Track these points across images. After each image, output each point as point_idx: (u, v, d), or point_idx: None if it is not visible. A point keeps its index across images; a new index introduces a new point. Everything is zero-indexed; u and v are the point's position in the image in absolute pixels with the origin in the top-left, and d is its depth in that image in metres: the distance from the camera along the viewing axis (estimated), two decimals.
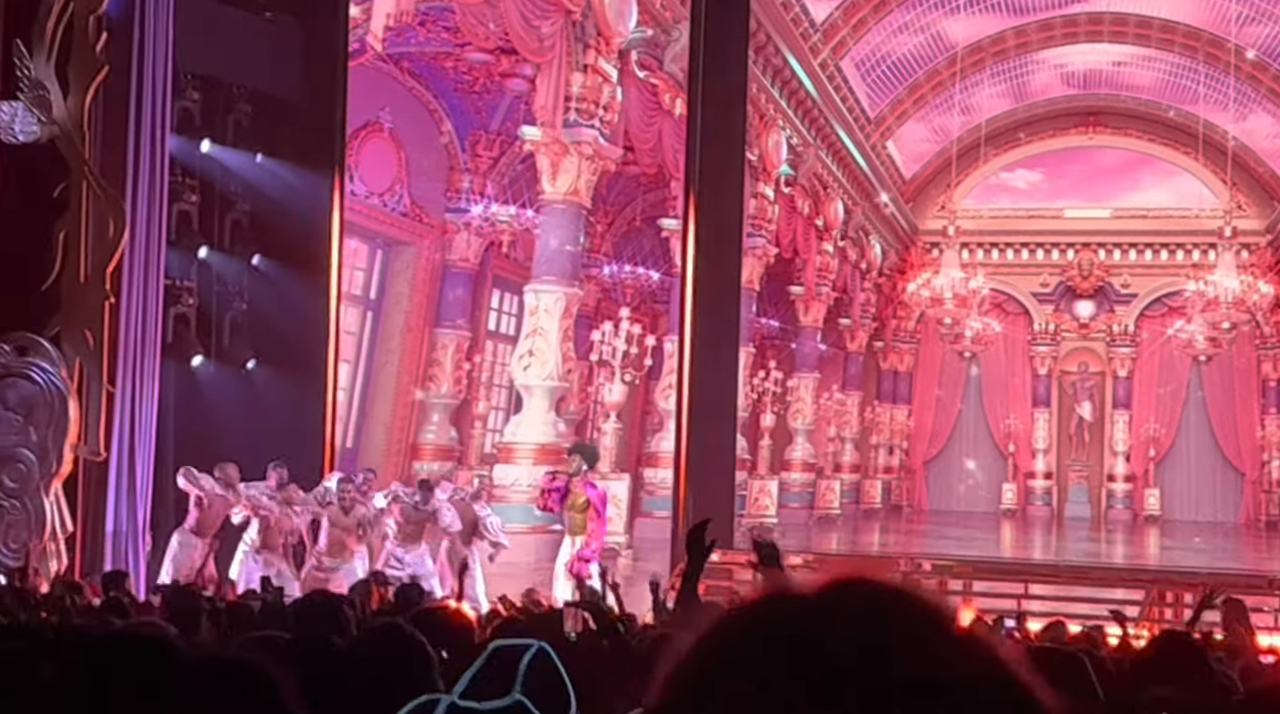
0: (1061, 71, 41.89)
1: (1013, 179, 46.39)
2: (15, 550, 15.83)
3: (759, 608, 1.23)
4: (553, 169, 25.49)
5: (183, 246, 18.45)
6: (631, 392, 31.13)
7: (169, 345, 17.78)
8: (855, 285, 43.33)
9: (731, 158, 24.12)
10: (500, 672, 3.37)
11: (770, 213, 33.51)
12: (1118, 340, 46.86)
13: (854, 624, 1.18)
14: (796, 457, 40.32)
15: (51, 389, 16.16)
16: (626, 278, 37.68)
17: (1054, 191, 46.52)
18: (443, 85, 30.64)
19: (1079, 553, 33.06)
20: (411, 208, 30.92)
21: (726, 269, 23.81)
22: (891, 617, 1.19)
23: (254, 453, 18.01)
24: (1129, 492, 46.10)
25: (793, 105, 34.79)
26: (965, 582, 20.90)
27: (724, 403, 23.78)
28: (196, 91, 18.97)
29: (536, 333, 25.60)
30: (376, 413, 30.95)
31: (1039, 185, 46.52)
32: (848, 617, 1.18)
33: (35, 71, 16.32)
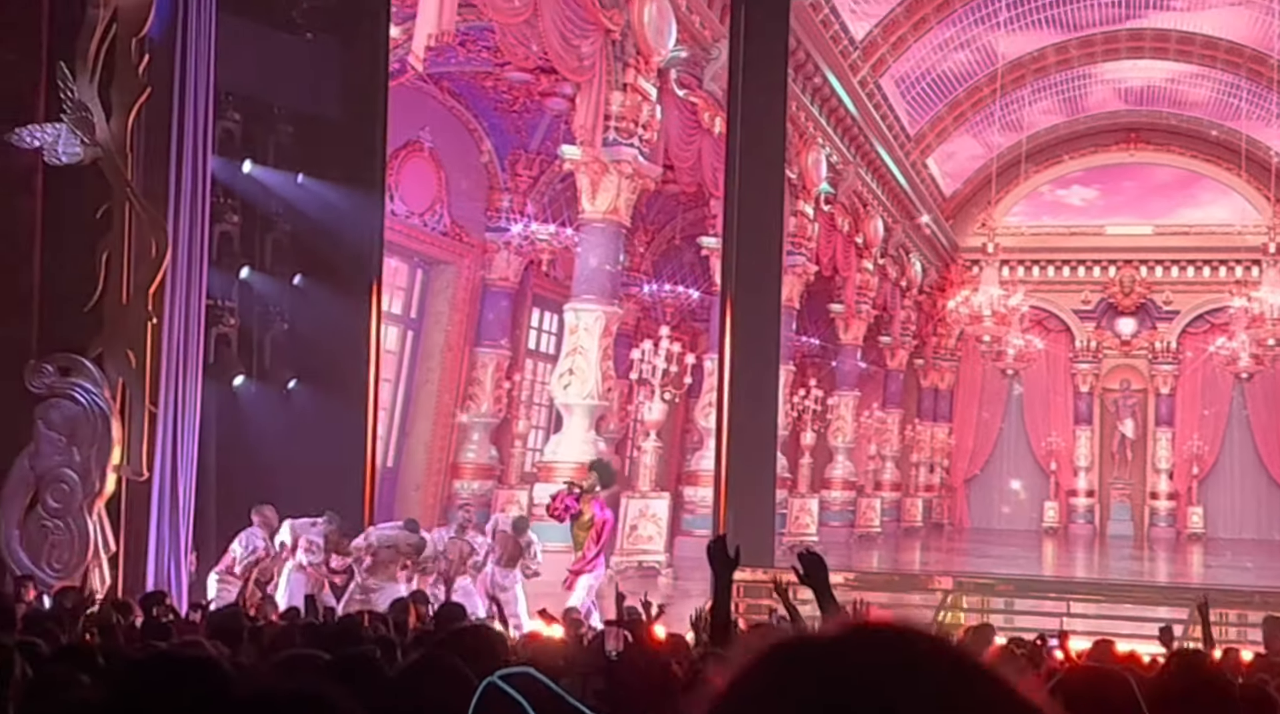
0: (1103, 88, 41.75)
1: (1053, 196, 46.23)
2: (59, 570, 15.90)
3: (771, 666, 1.23)
4: (592, 188, 25.53)
5: (224, 267, 18.53)
6: (671, 410, 31.10)
7: (211, 365, 17.84)
8: (895, 303, 43.24)
9: (771, 176, 24.12)
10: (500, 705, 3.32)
11: (810, 231, 33.49)
12: (1160, 357, 46.62)
13: (870, 680, 1.17)
14: (837, 475, 40.22)
15: (94, 409, 16.23)
16: (666, 296, 37.66)
17: (1095, 208, 46.35)
18: (483, 105, 30.71)
19: (1122, 571, 32.92)
20: (451, 227, 30.97)
21: (766, 287, 23.81)
22: (906, 673, 1.18)
23: (295, 473, 18.06)
24: (1172, 510, 45.83)
25: (832, 123, 34.77)
26: (1007, 600, 20.83)
27: (764, 421, 23.76)
28: (238, 112, 19.06)
29: (576, 351, 25.62)
30: (417, 432, 30.98)
31: (1080, 202, 46.35)
32: (863, 671, 1.18)
33: (78, 93, 16.42)
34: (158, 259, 16.50)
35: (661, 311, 37.30)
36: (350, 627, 7.98)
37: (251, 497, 17.66)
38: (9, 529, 16.12)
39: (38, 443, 16.24)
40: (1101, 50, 38.92)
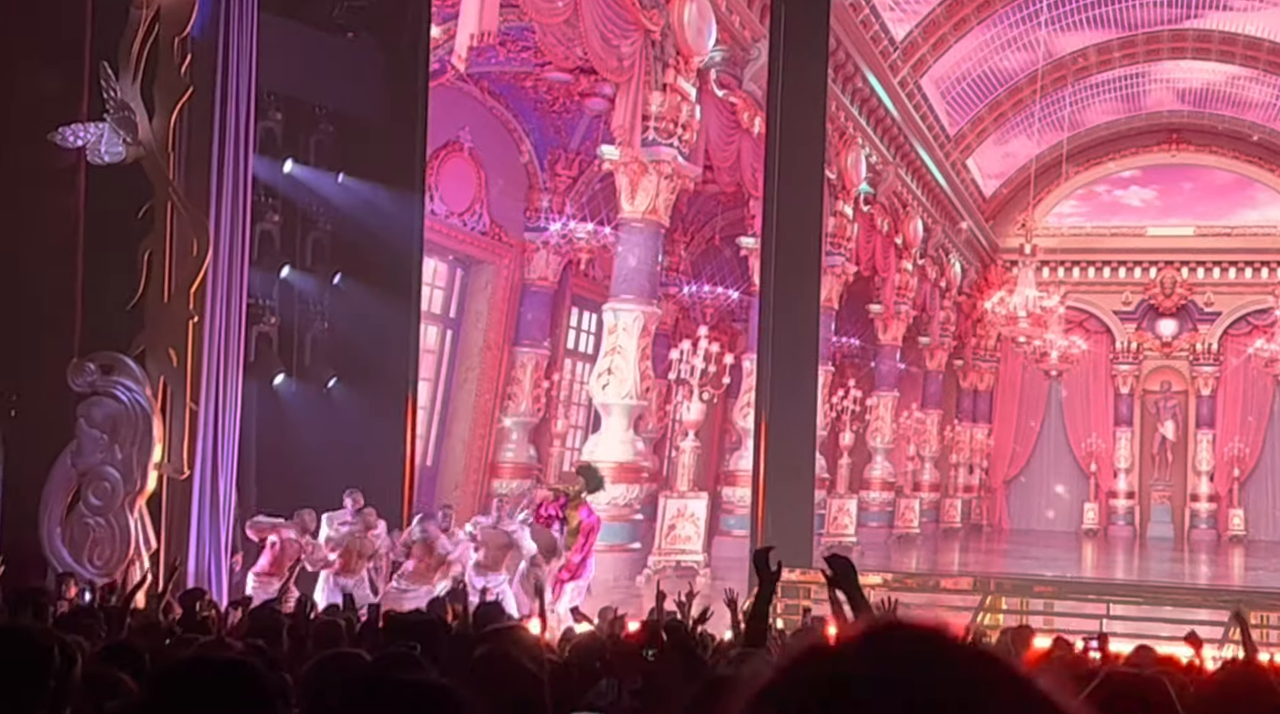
0: (1145, 89, 41.58)
1: (1110, 196, 45.97)
2: (100, 567, 16.00)
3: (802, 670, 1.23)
4: (631, 188, 25.54)
5: (265, 266, 18.61)
6: (710, 410, 31.09)
7: (251, 364, 17.92)
8: (935, 303, 43.12)
9: (810, 176, 24.11)
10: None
11: (849, 231, 33.45)
12: (1201, 359, 46.40)
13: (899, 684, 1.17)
14: (876, 475, 40.14)
15: (136, 407, 16.32)
16: (705, 296, 37.67)
17: (1137, 209, 46.16)
18: (522, 105, 30.76)
19: (1162, 573, 32.77)
20: (491, 227, 31.04)
21: (805, 287, 23.79)
22: (936, 675, 1.18)
23: (335, 471, 18.13)
24: (1213, 512, 45.60)
25: (872, 123, 34.72)
26: (1046, 602, 20.77)
27: (802, 421, 23.74)
28: (279, 112, 19.15)
29: (615, 351, 25.63)
30: (456, 431, 31.06)
31: (1139, 202, 46.17)
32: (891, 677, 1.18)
33: (121, 93, 16.51)
34: (199, 258, 16.58)
35: (700, 311, 37.31)
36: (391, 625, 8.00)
37: (291, 495, 17.75)
38: (51, 526, 16.21)
39: (80, 441, 16.34)
40: (1143, 51, 38.77)
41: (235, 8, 17.10)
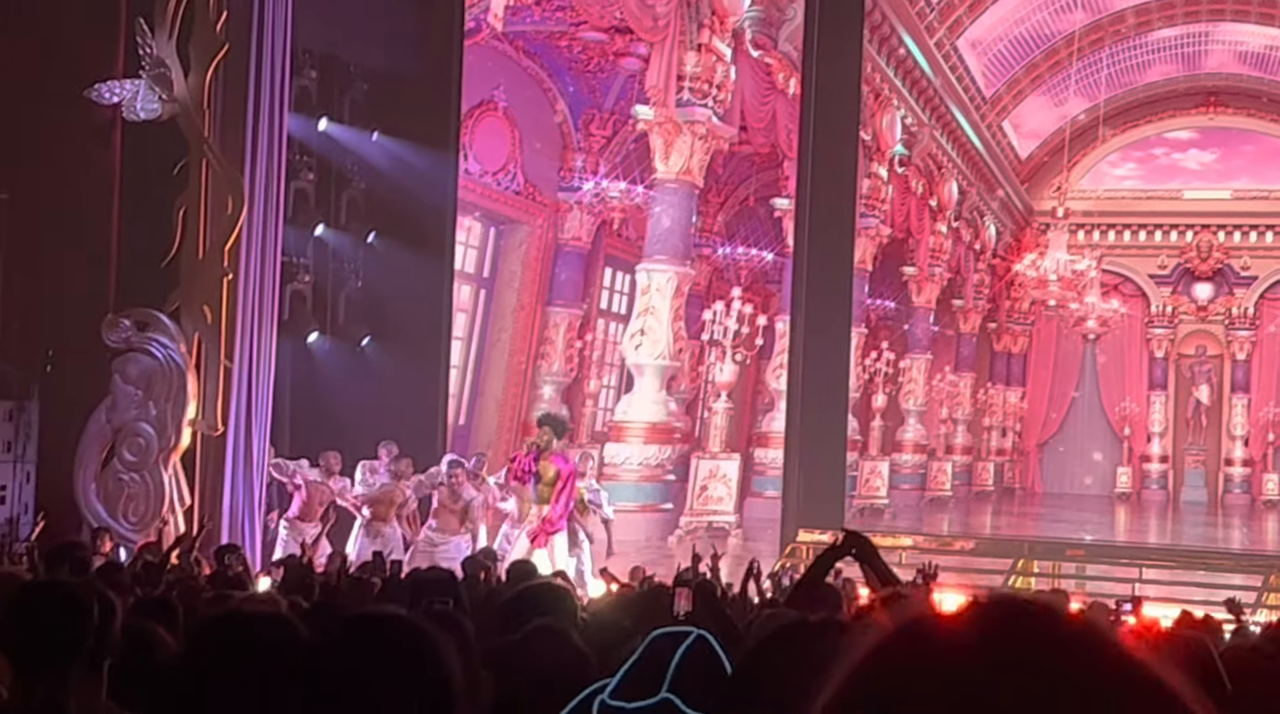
0: (1182, 51, 41.25)
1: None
2: (135, 523, 16.09)
3: (903, 645, 1.17)
4: (666, 148, 25.49)
5: (299, 224, 18.64)
6: (742, 371, 31.06)
7: (285, 322, 17.97)
8: (969, 266, 42.95)
9: (845, 137, 24.03)
10: (652, 667, 3.28)
11: (884, 193, 33.32)
12: (1237, 323, 46.13)
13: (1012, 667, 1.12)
14: (908, 438, 40.06)
15: (170, 364, 16.39)
16: (739, 257, 37.59)
17: (1173, 172, 45.87)
18: (557, 64, 30.69)
19: (1195, 538, 32.67)
20: (525, 186, 31.00)
21: (839, 249, 23.74)
22: (1053, 658, 1.12)
23: (368, 429, 18.20)
24: (1247, 476, 45.39)
25: (907, 85, 34.54)
26: (1079, 566, 20.75)
27: (835, 383, 23.72)
28: (314, 70, 19.16)
29: (648, 312, 25.63)
30: (489, 390, 31.09)
31: (1157, 166, 45.87)
32: (1004, 659, 1.12)
33: (157, 49, 16.53)
34: (234, 215, 16.62)
35: (734, 272, 37.24)
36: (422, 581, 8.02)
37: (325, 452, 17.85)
38: (86, 482, 16.31)
39: (114, 397, 16.42)
40: (1182, 13, 38.48)
41: None
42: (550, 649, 4.31)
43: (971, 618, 1.16)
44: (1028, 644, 1.13)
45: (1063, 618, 1.16)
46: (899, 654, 1.15)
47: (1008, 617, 1.16)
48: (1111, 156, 45.52)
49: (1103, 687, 1.11)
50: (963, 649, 1.13)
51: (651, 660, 3.30)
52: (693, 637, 3.30)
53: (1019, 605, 1.17)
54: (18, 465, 16.58)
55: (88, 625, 3.75)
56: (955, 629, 1.15)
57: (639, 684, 3.27)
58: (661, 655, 3.29)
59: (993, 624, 1.15)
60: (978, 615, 1.16)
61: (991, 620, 1.16)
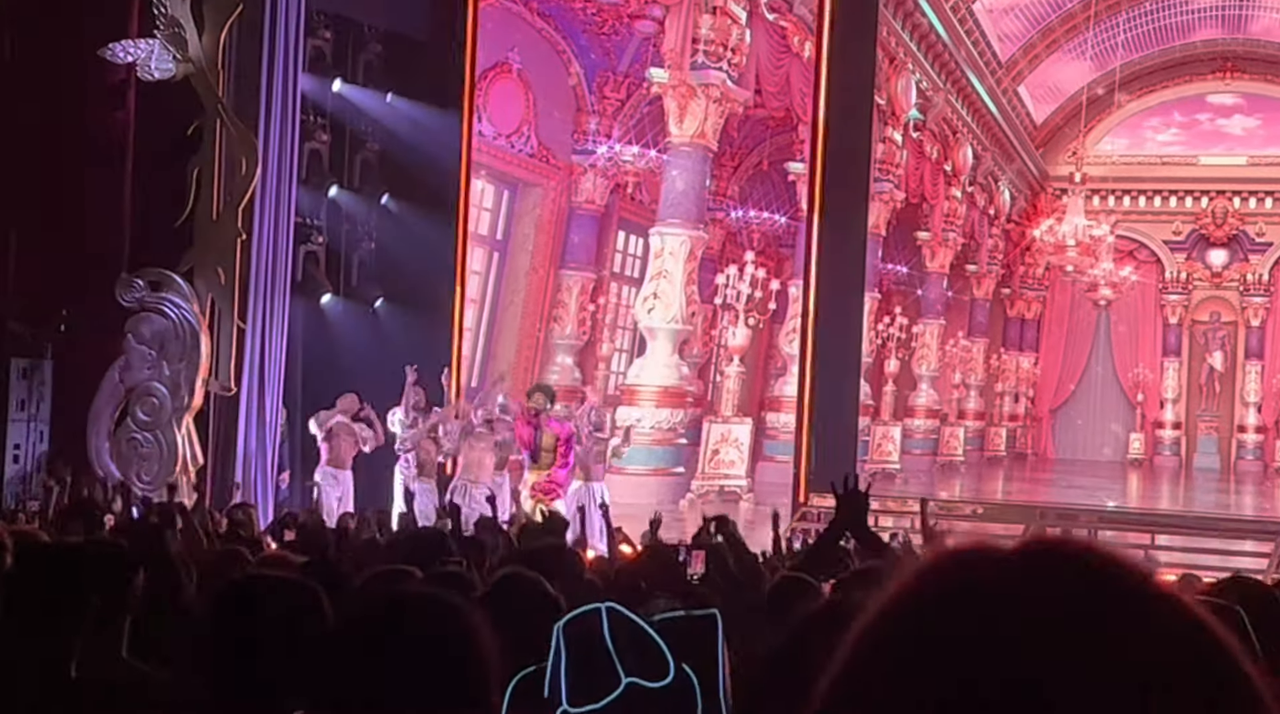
0: (1200, 16, 41.05)
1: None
2: (148, 482, 16.14)
3: (952, 571, 1.14)
4: (680, 111, 25.45)
5: (313, 185, 18.64)
6: (755, 335, 31.05)
7: (298, 283, 18.00)
8: (983, 231, 42.84)
9: (860, 102, 23.96)
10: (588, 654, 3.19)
11: (898, 157, 33.24)
12: (1251, 289, 45.96)
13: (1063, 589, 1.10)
14: (920, 403, 40.02)
15: (184, 324, 16.43)
16: (752, 221, 37.50)
17: (1189, 138, 45.69)
18: (571, 26, 30.60)
19: (1207, 504, 32.67)
20: (539, 149, 30.94)
21: (853, 214, 23.69)
22: (1104, 586, 1.10)
23: (380, 391, 18.24)
24: (1260, 443, 45.30)
25: (923, 49, 34.42)
26: (1091, 531, 20.74)
27: (848, 348, 23.70)
28: (328, 31, 19.13)
29: (661, 275, 25.63)
30: (501, 353, 31.09)
31: (1173, 131, 45.70)
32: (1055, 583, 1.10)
33: (171, 9, 16.52)
34: (248, 176, 16.64)
35: (747, 236, 37.17)
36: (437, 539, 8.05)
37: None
38: (99, 441, 16.37)
39: (128, 356, 16.47)
40: None
41: None
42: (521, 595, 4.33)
43: (1020, 552, 1.14)
44: (1077, 579, 1.11)
45: (1115, 558, 1.14)
46: (943, 580, 1.14)
47: (1057, 554, 1.14)
48: (1128, 121, 45.33)
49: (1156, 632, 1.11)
50: (1009, 580, 1.11)
51: (580, 650, 3.19)
52: (605, 611, 3.21)
53: (1068, 545, 1.16)
54: (32, 424, 16.63)
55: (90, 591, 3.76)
56: (1002, 560, 1.14)
57: (586, 679, 3.17)
58: (588, 642, 3.18)
59: (1043, 560, 1.13)
60: (1026, 550, 1.15)
61: (1042, 557, 1.14)
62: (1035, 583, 1.10)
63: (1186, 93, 44.93)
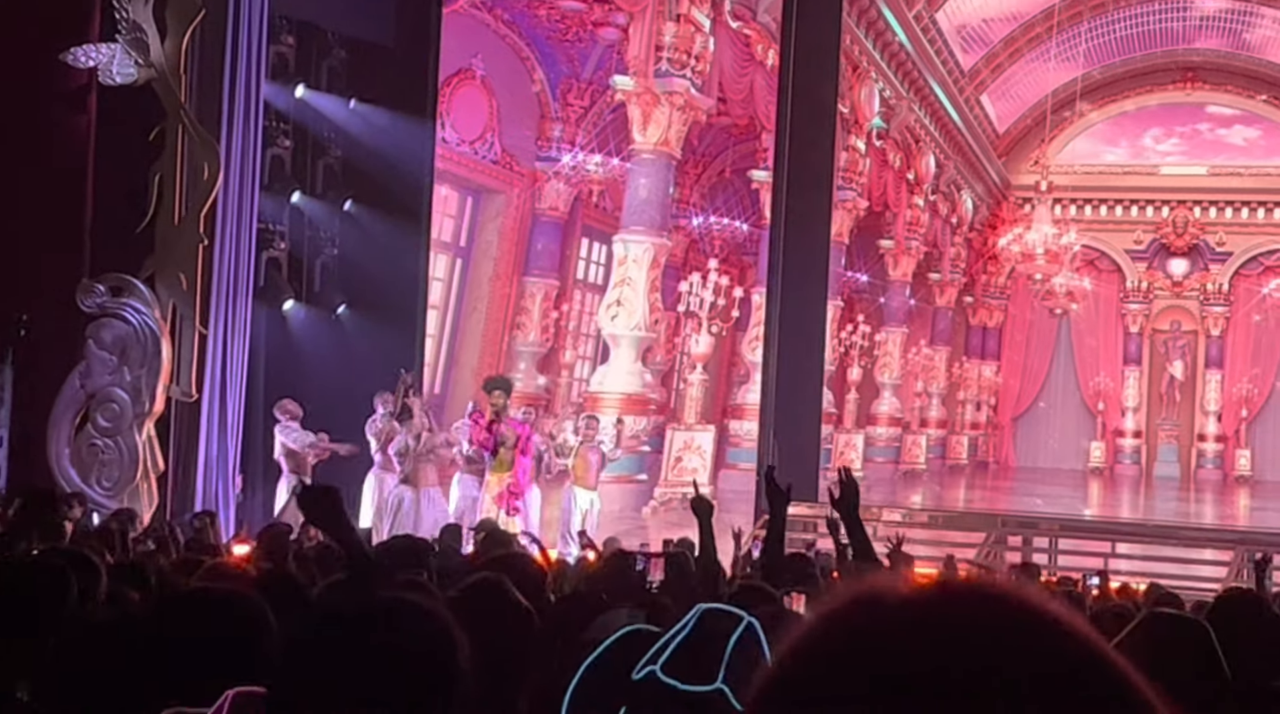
0: (1161, 27, 41.28)
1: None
2: (108, 488, 16.07)
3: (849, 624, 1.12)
4: (644, 119, 25.46)
5: (276, 191, 18.59)
6: (718, 343, 31.07)
7: (261, 289, 17.95)
8: (945, 240, 43.01)
9: (823, 110, 24.03)
10: (704, 647, 3.18)
11: (861, 166, 33.33)
12: (1211, 299, 46.26)
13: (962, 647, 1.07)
14: (883, 411, 40.15)
15: (145, 330, 16.36)
16: (715, 229, 37.55)
17: (1150, 148, 45.94)
18: (535, 33, 30.60)
19: (1167, 512, 32.83)
20: (502, 155, 30.92)
21: (816, 222, 23.76)
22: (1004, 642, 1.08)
23: (343, 398, 18.20)
24: (1219, 452, 45.60)
25: (886, 58, 34.53)
26: (1051, 539, 20.83)
27: (811, 356, 23.75)
28: (291, 36, 19.08)
29: (624, 283, 25.63)
30: (464, 360, 31.05)
31: (1134, 141, 45.92)
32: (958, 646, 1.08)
33: (133, 14, 16.46)
34: (210, 182, 16.58)
35: (710, 244, 37.21)
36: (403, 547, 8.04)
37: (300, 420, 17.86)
38: (59, 447, 16.29)
39: (89, 362, 16.39)
40: None
41: None
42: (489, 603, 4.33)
43: (922, 600, 1.12)
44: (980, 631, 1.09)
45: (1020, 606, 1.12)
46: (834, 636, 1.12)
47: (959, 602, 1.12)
48: (1090, 131, 45.56)
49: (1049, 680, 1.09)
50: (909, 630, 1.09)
51: (702, 638, 3.20)
52: (744, 623, 3.21)
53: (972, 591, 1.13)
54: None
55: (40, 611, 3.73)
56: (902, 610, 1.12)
57: (689, 662, 3.18)
58: (713, 635, 3.19)
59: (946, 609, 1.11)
60: (929, 599, 1.13)
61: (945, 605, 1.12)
62: (937, 632, 1.09)
63: (1148, 102, 45.18)
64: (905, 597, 1.12)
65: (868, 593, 1.14)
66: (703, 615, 3.18)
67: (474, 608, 4.25)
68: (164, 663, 3.25)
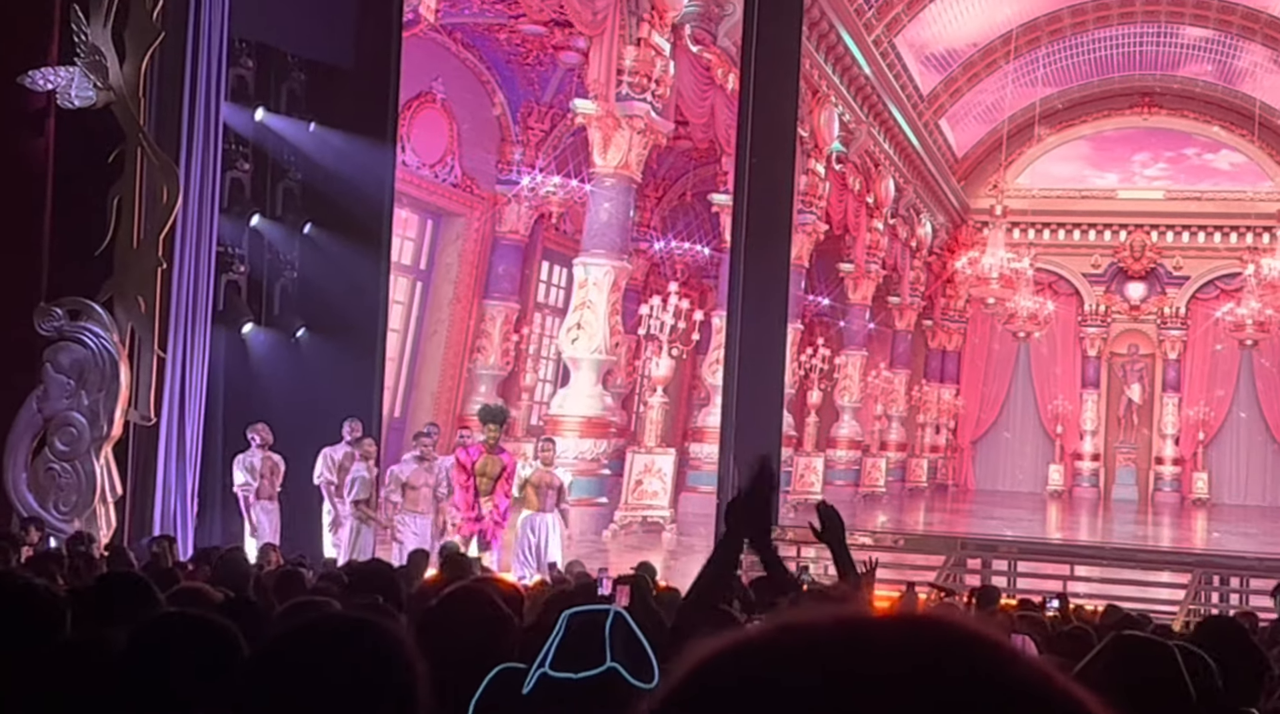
0: (1118, 52, 41.56)
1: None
2: (65, 513, 15.98)
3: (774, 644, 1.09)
4: (604, 142, 25.49)
5: (235, 214, 18.53)
6: (679, 366, 31.12)
7: (220, 312, 17.88)
8: (905, 263, 43.18)
9: (783, 134, 24.06)
10: (581, 641, 3.34)
11: (821, 189, 33.42)
12: (1169, 322, 46.54)
13: None
14: (843, 434, 40.23)
15: (103, 354, 16.28)
16: (676, 252, 37.62)
17: (1107, 172, 46.20)
18: (496, 57, 30.64)
19: (1125, 535, 32.95)
20: (463, 179, 30.93)
21: (776, 245, 23.77)
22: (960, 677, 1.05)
23: (303, 421, 18.12)
24: (1177, 475, 45.83)
25: (845, 82, 34.67)
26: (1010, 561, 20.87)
27: (771, 379, 23.74)
28: (251, 59, 19.03)
29: (585, 306, 25.63)
30: (424, 383, 31.02)
31: (1092, 166, 46.18)
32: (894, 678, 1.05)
33: (92, 37, 16.41)
34: (169, 205, 16.53)
35: (671, 267, 37.27)
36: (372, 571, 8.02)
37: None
38: (16, 471, 16.18)
39: (46, 386, 16.30)
40: (1117, 14, 38.77)
41: None
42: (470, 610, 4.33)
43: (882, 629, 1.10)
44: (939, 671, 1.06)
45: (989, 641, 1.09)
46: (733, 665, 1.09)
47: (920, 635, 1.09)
48: (1048, 155, 45.81)
49: None
50: None
51: (578, 636, 3.35)
52: (613, 614, 3.36)
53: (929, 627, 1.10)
54: None
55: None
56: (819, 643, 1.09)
57: (573, 659, 3.31)
58: (587, 631, 3.33)
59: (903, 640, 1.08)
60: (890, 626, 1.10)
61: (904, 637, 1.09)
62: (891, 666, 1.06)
63: (1105, 127, 45.46)
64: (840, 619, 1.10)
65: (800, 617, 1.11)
66: (570, 619, 3.32)
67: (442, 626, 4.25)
68: (135, 687, 3.23)
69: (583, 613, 3.40)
